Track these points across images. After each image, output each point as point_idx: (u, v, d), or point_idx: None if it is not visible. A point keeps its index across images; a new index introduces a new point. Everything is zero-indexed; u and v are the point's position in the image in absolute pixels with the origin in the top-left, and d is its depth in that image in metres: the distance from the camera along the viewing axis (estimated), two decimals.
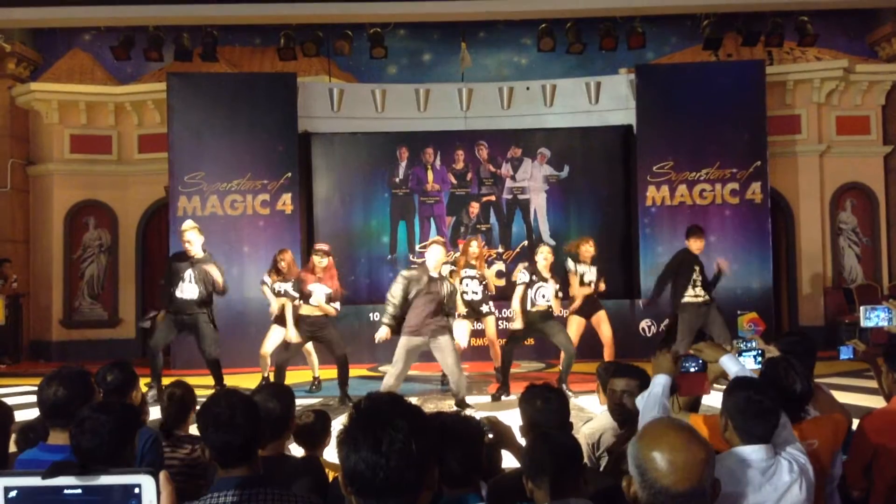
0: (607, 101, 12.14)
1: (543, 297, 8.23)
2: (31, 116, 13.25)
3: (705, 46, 11.80)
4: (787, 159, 12.47)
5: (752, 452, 2.56)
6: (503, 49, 13.59)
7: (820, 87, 12.50)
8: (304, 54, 11.79)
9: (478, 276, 8.96)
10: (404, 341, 7.35)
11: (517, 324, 8.29)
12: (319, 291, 8.10)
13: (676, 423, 1.89)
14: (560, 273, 8.69)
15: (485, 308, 9.00)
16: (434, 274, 7.38)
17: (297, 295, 8.24)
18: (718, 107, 11.42)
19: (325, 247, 8.39)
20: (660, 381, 2.97)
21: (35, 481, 1.23)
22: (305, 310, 8.15)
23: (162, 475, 1.24)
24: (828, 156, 12.69)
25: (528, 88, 12.35)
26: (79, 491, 1.22)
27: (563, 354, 8.28)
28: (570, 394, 7.73)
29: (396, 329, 7.38)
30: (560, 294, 8.40)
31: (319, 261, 8.14)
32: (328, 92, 12.22)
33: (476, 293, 8.94)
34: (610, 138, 12.14)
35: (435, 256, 7.40)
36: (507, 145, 12.21)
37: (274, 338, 8.72)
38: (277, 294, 8.64)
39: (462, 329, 8.78)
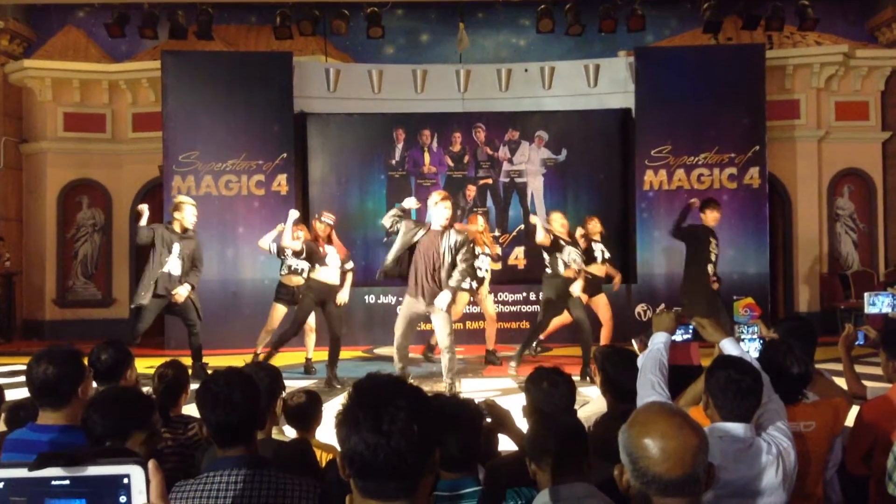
0: (606, 84, 12.07)
1: (575, 261, 8.17)
2: (25, 94, 13.12)
3: (705, 30, 11.73)
4: (785, 144, 12.42)
5: (731, 430, 2.57)
6: (501, 30, 13.48)
7: (819, 72, 12.44)
8: (300, 33, 11.69)
9: (491, 254, 9.04)
10: (405, 303, 7.17)
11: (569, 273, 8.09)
12: (333, 254, 8.16)
13: (668, 408, 1.86)
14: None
15: (488, 287, 9.13)
16: (437, 227, 7.01)
17: (306, 267, 8.36)
18: (717, 91, 11.36)
19: (330, 219, 8.33)
20: (659, 339, 2.98)
21: (21, 473, 1.18)
22: (319, 275, 8.15)
23: (151, 464, 1.20)
24: (826, 141, 12.65)
25: (526, 70, 12.26)
26: (66, 482, 1.18)
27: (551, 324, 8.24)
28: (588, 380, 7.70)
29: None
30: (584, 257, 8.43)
31: (323, 228, 8.22)
32: (324, 72, 12.11)
33: (487, 271, 9.00)
34: (608, 122, 12.06)
35: (443, 215, 6.97)
36: (505, 128, 12.13)
37: (278, 315, 8.77)
38: (293, 272, 8.63)
39: (460, 300, 8.85)
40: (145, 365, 7.70)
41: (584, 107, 12.05)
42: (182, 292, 8.19)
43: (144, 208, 8.27)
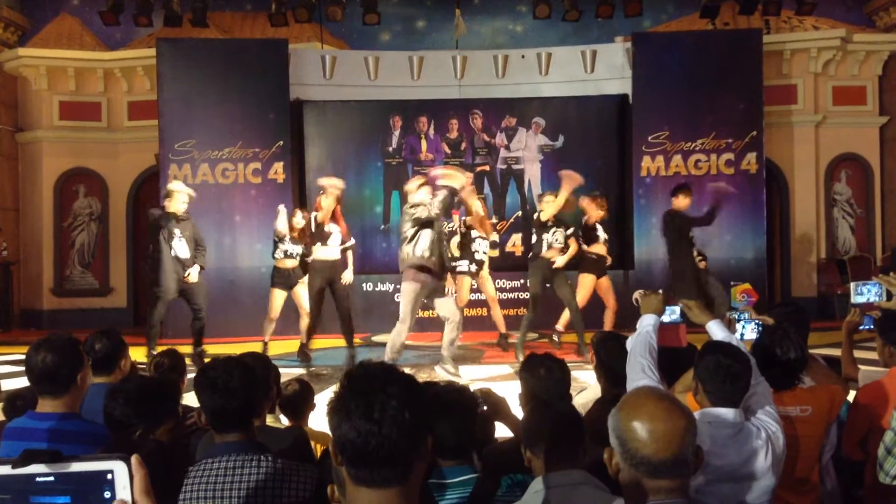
0: (603, 69, 12.03)
1: (557, 241, 8.31)
2: (20, 83, 13.07)
3: (702, 15, 11.68)
4: (782, 129, 12.41)
5: (720, 415, 2.58)
6: (498, 16, 13.43)
7: (817, 56, 12.41)
8: (295, 20, 11.61)
9: (487, 237, 9.13)
10: (417, 291, 7.16)
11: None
12: (336, 233, 8.08)
13: (657, 392, 1.88)
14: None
15: (487, 270, 9.27)
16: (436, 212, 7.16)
17: (300, 251, 8.41)
18: (715, 76, 11.33)
19: (337, 189, 8.28)
20: (647, 322, 2.98)
21: (5, 470, 1.18)
22: (321, 254, 8.07)
23: (134, 459, 1.20)
24: (824, 126, 12.63)
25: (523, 57, 12.21)
26: (51, 479, 1.18)
27: (567, 313, 8.41)
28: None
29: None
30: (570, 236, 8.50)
31: (327, 201, 8.10)
32: (320, 59, 12.07)
33: (485, 253, 9.13)
34: (605, 108, 12.03)
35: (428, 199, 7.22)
36: (502, 114, 12.10)
37: (278, 301, 8.71)
38: (288, 256, 8.57)
39: (465, 285, 9.08)
40: (143, 354, 7.73)
41: (581, 93, 12.03)
42: (194, 273, 8.26)
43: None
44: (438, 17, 13.15)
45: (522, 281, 11.15)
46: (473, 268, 9.09)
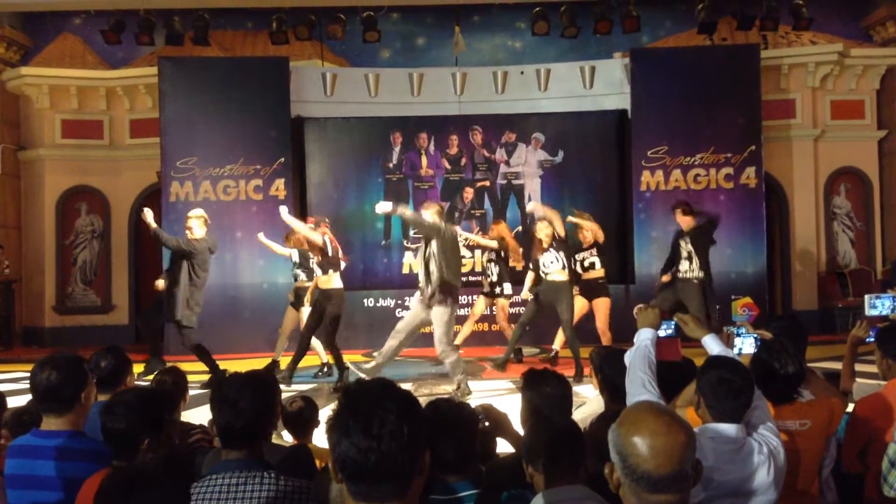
0: (602, 85, 12.10)
1: (552, 262, 8.31)
2: (22, 101, 13.14)
3: (700, 30, 11.74)
4: (781, 144, 12.45)
5: (723, 431, 2.58)
6: (497, 33, 13.50)
7: (814, 71, 12.47)
8: (296, 38, 11.70)
9: (501, 257, 9.36)
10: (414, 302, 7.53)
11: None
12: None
13: (656, 407, 1.89)
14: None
15: (497, 290, 9.38)
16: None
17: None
18: (713, 91, 11.38)
19: (310, 223, 8.54)
20: (645, 336, 2.98)
21: None
22: (331, 283, 8.23)
23: None
24: (822, 140, 12.67)
25: (522, 73, 12.29)
26: None
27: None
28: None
29: None
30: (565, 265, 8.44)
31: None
32: (321, 76, 12.14)
33: (494, 274, 9.35)
34: (604, 123, 12.09)
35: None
36: (502, 130, 12.15)
37: (290, 318, 8.95)
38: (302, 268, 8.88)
39: (478, 305, 9.51)
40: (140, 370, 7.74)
41: (580, 108, 12.08)
42: None
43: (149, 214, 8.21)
44: (438, 35, 13.22)
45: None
46: (487, 289, 9.52)
